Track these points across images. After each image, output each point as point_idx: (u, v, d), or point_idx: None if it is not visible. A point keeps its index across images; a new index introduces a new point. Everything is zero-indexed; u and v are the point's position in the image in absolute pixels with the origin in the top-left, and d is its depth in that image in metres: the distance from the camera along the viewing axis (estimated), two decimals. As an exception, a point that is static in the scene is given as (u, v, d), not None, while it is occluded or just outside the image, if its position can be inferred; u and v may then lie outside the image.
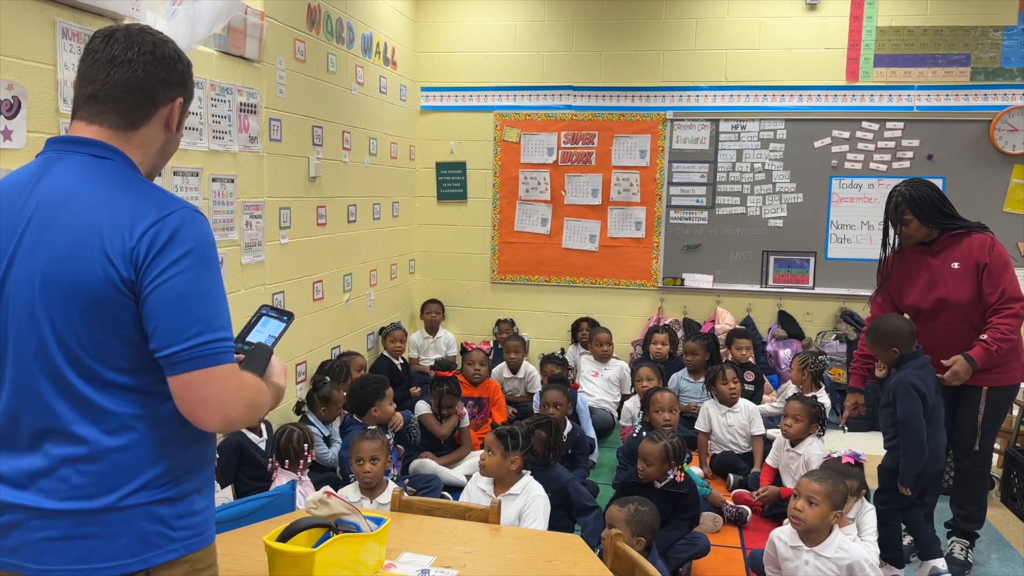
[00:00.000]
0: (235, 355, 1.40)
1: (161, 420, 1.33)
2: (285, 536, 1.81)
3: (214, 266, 1.34)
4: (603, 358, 5.35)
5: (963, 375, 3.18)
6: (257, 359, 1.51)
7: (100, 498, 1.29)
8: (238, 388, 1.32)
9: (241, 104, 3.77)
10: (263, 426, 3.70)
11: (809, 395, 4.39)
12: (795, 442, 3.92)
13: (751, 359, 5.39)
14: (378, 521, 1.99)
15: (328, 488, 1.97)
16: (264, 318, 1.62)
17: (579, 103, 6.14)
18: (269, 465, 3.29)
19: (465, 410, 4.48)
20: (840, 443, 4.94)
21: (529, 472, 3.07)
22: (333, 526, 1.89)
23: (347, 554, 1.87)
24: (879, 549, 3.05)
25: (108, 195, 1.31)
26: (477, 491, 3.10)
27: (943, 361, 3.22)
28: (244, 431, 3.61)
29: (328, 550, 1.79)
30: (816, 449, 3.83)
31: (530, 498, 2.98)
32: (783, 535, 2.78)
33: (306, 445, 3.24)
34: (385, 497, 3.07)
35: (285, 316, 1.64)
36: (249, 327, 1.60)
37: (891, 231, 3.42)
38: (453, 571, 1.97)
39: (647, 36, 6.00)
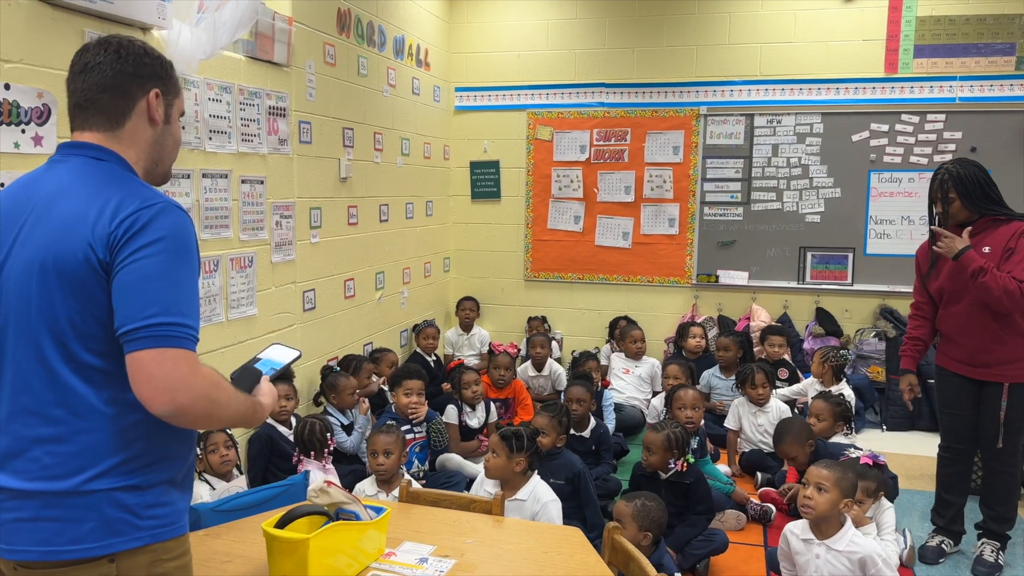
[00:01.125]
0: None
1: (130, 405, 1.38)
2: (284, 523, 1.88)
3: (186, 257, 1.39)
4: (636, 355, 5.34)
5: (947, 249, 3.14)
6: (244, 378, 1.60)
7: (66, 479, 1.35)
8: (190, 374, 1.33)
9: (270, 107, 3.88)
10: (293, 419, 3.82)
11: (830, 389, 4.34)
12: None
13: (786, 356, 5.33)
14: (378, 511, 2.05)
15: (328, 478, 2.03)
16: (272, 350, 1.73)
17: (612, 100, 6.13)
18: (295, 458, 3.39)
19: (493, 407, 4.55)
20: (879, 443, 4.87)
21: (536, 473, 3.05)
22: (332, 514, 1.96)
23: (347, 541, 1.93)
24: (898, 547, 3.00)
25: (98, 189, 1.40)
26: (484, 495, 3.12)
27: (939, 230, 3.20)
28: (274, 424, 3.74)
29: (324, 537, 1.85)
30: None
31: (539, 505, 2.93)
32: (795, 529, 2.76)
33: (329, 435, 3.32)
34: (401, 490, 3.13)
35: (292, 352, 1.74)
36: (255, 359, 1.70)
37: (934, 210, 3.34)
38: (451, 560, 2.02)
39: (680, 31, 5.97)
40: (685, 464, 3.21)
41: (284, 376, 3.88)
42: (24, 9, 2.51)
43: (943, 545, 3.45)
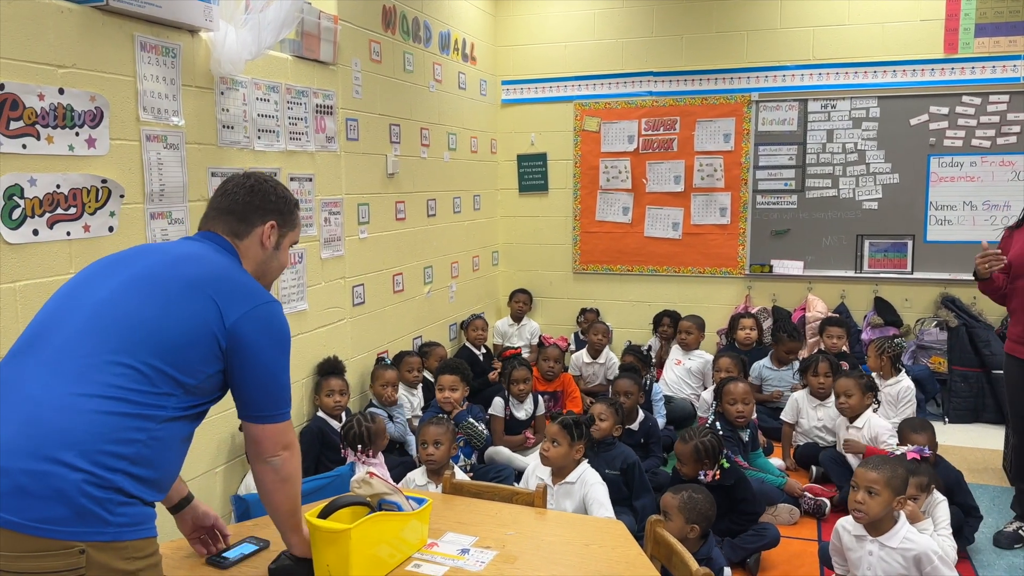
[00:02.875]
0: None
1: (152, 417, 1.54)
2: (327, 513, 1.91)
3: (287, 347, 1.74)
4: (686, 347, 5.28)
5: None
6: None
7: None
8: (293, 438, 1.77)
9: (317, 106, 3.94)
10: (343, 413, 3.88)
11: (891, 380, 4.24)
12: (853, 418, 3.84)
13: (845, 348, 5.20)
14: (420, 501, 2.06)
15: (371, 469, 2.06)
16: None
17: (660, 88, 6.06)
18: (343, 452, 3.44)
19: (540, 399, 4.55)
20: (941, 436, 4.70)
21: (587, 460, 3.08)
22: (374, 505, 1.98)
23: (389, 532, 1.95)
24: (955, 543, 2.91)
25: (226, 268, 1.72)
26: (536, 481, 3.14)
27: None
28: (325, 417, 3.81)
29: (366, 527, 1.87)
30: (877, 422, 3.76)
31: (587, 487, 2.98)
32: (848, 524, 2.68)
33: (366, 440, 3.34)
34: (450, 481, 3.16)
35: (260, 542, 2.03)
36: (229, 547, 1.99)
37: None
38: (492, 551, 2.03)
39: (730, 17, 5.86)
40: (718, 474, 3.16)
41: (336, 370, 3.96)
42: (76, 15, 2.59)
43: (1020, 531, 3.36)
